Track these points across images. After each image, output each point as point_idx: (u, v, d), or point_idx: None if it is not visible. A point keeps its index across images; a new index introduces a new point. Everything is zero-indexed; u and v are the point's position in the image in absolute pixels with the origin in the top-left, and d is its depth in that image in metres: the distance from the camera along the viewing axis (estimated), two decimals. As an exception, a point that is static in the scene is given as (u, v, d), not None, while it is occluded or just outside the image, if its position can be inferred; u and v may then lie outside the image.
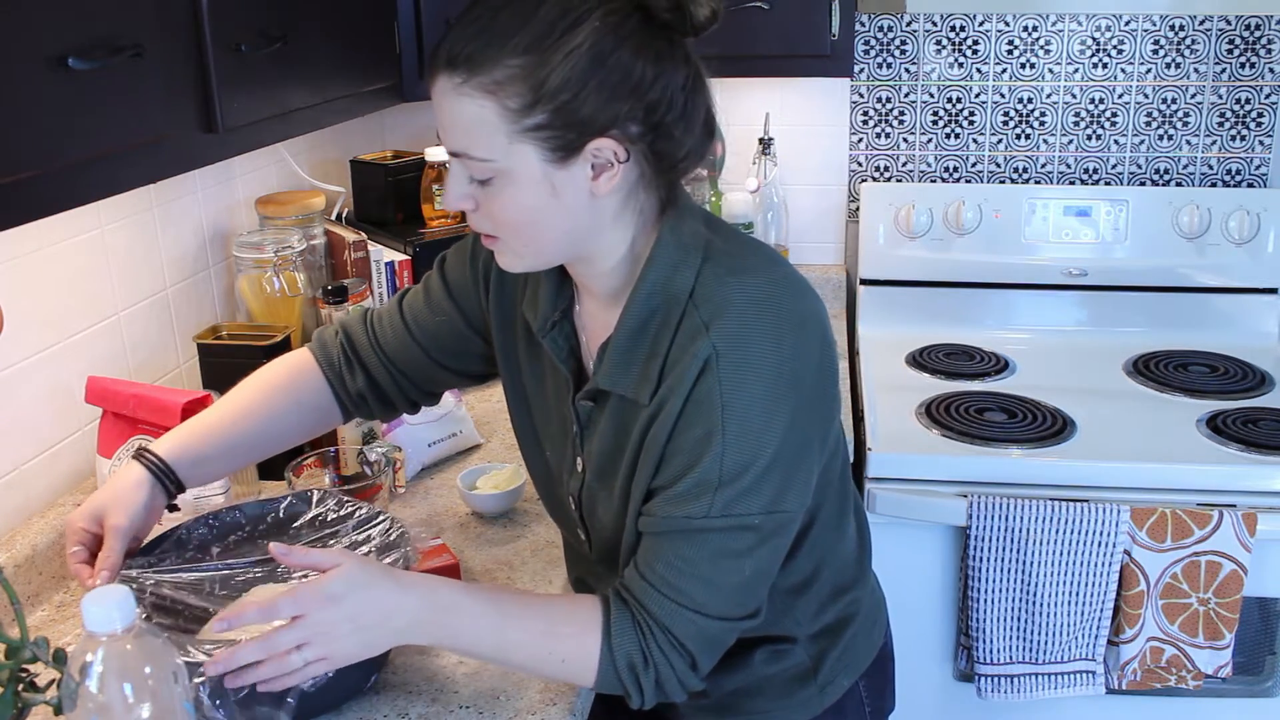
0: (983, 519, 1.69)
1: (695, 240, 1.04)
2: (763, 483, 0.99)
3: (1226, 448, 1.77)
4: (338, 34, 1.57)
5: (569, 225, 1.00)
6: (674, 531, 1.01)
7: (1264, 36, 2.25)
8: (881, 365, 2.12)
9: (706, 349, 0.97)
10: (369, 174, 2.11)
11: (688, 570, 1.00)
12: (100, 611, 0.79)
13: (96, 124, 1.02)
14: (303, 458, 1.44)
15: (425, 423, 1.65)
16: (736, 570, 1.01)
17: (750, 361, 0.97)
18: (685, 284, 1.02)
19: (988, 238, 2.28)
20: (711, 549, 1.00)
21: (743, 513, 0.99)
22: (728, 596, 1.02)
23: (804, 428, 1.01)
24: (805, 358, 1.00)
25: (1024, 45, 2.30)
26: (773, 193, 2.34)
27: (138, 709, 0.80)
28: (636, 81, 0.95)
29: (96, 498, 1.15)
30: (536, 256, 1.04)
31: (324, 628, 0.96)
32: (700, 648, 1.03)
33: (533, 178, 0.97)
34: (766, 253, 1.08)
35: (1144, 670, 1.73)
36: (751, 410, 0.97)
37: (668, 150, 1.00)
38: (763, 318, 0.99)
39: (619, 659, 1.01)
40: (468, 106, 0.95)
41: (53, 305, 1.45)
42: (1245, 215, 2.20)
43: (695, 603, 1.01)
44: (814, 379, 1.01)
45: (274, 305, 1.77)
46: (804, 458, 1.02)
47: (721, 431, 0.97)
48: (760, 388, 0.97)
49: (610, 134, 0.96)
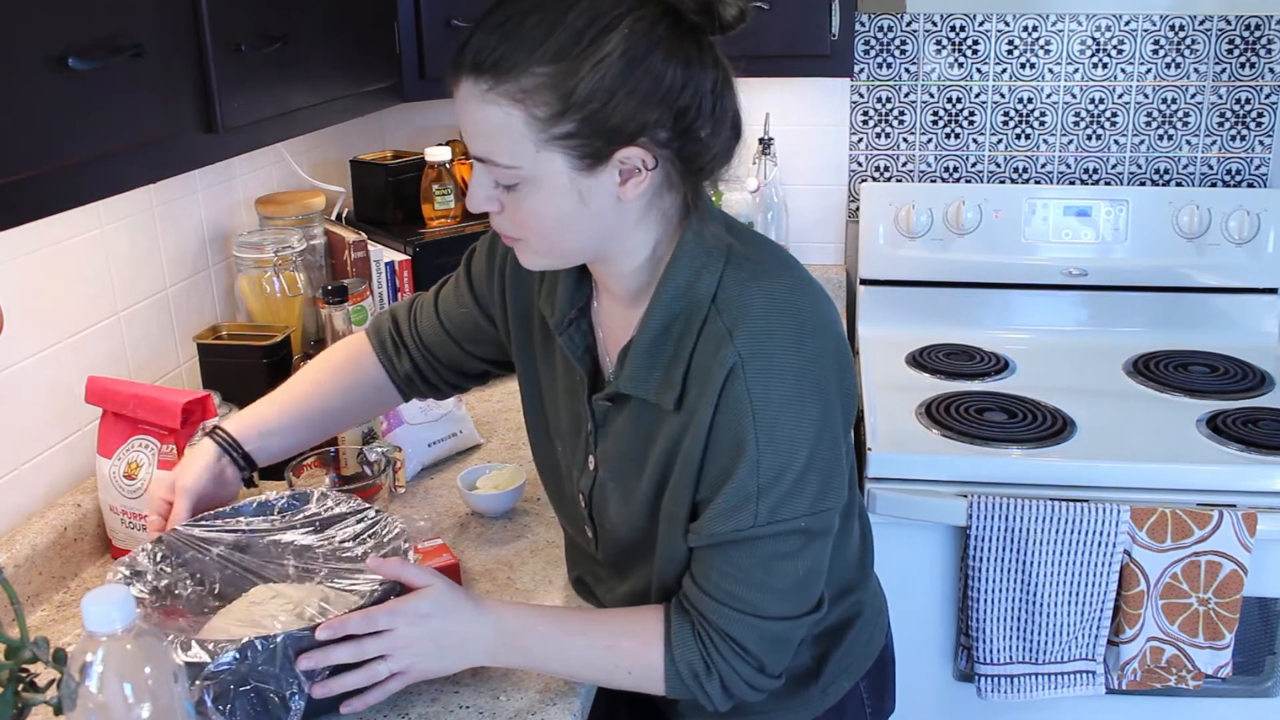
0: (983, 519, 1.69)
1: (718, 243, 1.03)
2: (803, 485, 0.99)
3: (1226, 448, 1.77)
4: (338, 34, 1.57)
5: (594, 231, 1.00)
6: (725, 544, 1.02)
7: (1264, 36, 2.25)
8: (881, 365, 2.12)
9: (732, 356, 0.97)
10: (369, 174, 2.11)
11: (741, 577, 1.02)
12: (100, 611, 0.79)
13: (96, 124, 1.02)
14: (302, 458, 1.44)
15: (425, 423, 1.65)
16: (789, 572, 1.02)
17: (775, 367, 0.98)
18: (708, 288, 1.01)
19: (988, 238, 2.28)
20: (763, 555, 1.01)
21: (789, 517, 1.00)
22: (784, 598, 1.03)
23: (833, 426, 1.01)
24: (826, 359, 1.00)
25: (1024, 45, 2.30)
26: (773, 193, 2.34)
27: (138, 709, 0.80)
28: (667, 89, 0.94)
29: (172, 470, 1.26)
30: (558, 258, 1.05)
31: (409, 643, 1.03)
32: (765, 649, 1.04)
33: (559, 185, 0.96)
34: (783, 256, 1.08)
35: (1144, 670, 1.73)
36: (782, 415, 0.98)
37: (695, 153, 0.99)
38: (784, 322, 0.99)
39: (682, 668, 1.04)
40: (494, 114, 0.94)
41: (53, 305, 1.45)
42: (1245, 215, 2.20)
43: (752, 607, 1.02)
44: (836, 379, 1.01)
45: (274, 305, 1.77)
46: (836, 456, 1.03)
47: (755, 438, 0.97)
48: (787, 391, 0.98)
49: (639, 142, 0.95)
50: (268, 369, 1.57)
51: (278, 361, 1.59)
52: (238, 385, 1.57)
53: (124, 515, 1.40)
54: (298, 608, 1.15)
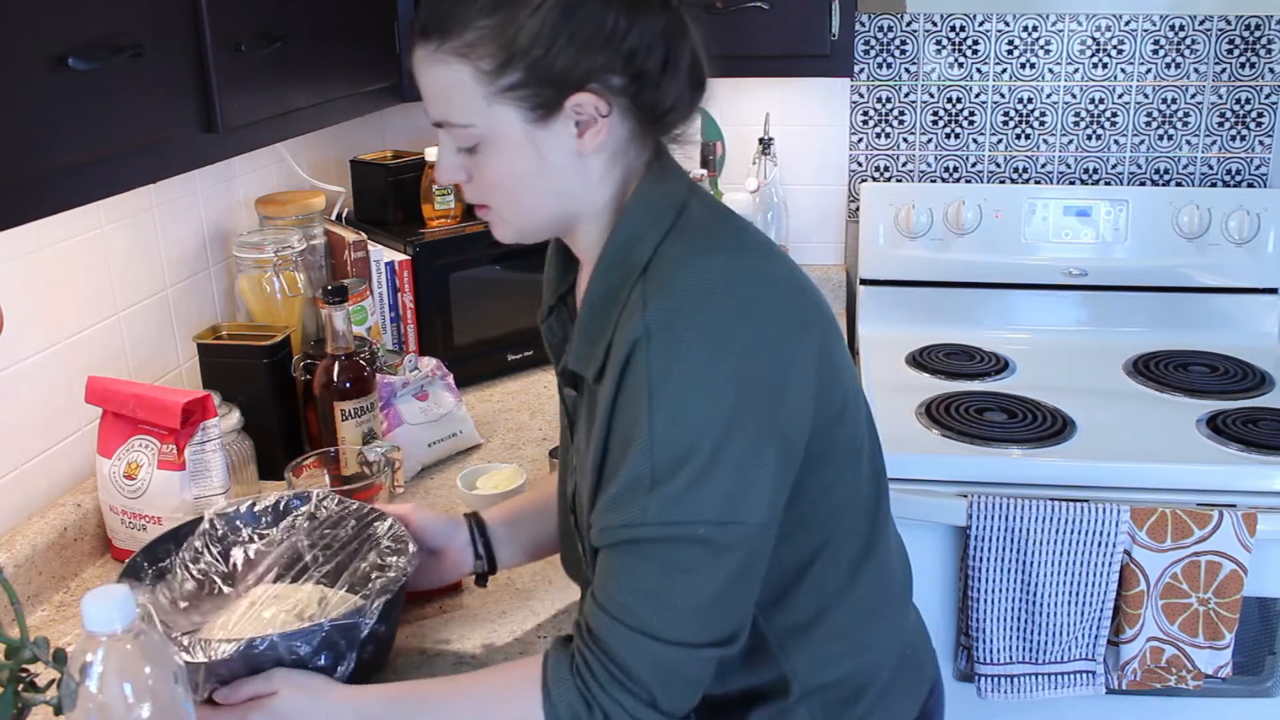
0: (983, 519, 1.69)
1: (668, 206, 0.97)
2: (702, 484, 0.88)
3: (1226, 448, 1.77)
4: (338, 34, 1.57)
5: (556, 187, 0.97)
6: (619, 543, 0.92)
7: (1264, 36, 2.24)
8: (881, 365, 2.12)
9: (639, 329, 0.90)
10: (369, 174, 2.11)
11: (633, 585, 0.92)
12: (100, 611, 0.79)
13: (96, 124, 1.02)
14: (303, 458, 1.44)
15: (425, 423, 1.65)
16: (689, 589, 0.91)
17: (681, 347, 0.88)
18: (643, 255, 0.95)
19: (988, 238, 2.28)
20: (658, 562, 0.90)
21: (685, 520, 0.89)
22: (683, 620, 0.91)
23: (754, 427, 0.89)
24: (758, 356, 0.90)
25: (1024, 45, 2.30)
26: (773, 193, 2.34)
27: (138, 709, 0.80)
28: (610, 31, 0.92)
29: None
30: (526, 222, 1.01)
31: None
32: (658, 679, 0.92)
33: (515, 140, 0.95)
34: (748, 239, 0.99)
35: (1144, 670, 1.73)
36: (684, 399, 0.88)
37: (653, 101, 0.96)
38: (710, 302, 0.90)
39: (560, 709, 0.93)
40: (442, 73, 0.94)
41: (53, 305, 1.45)
42: (1245, 215, 2.20)
43: (644, 624, 0.91)
44: (770, 378, 0.90)
45: (274, 305, 1.77)
46: (756, 463, 0.90)
47: (649, 421, 0.88)
48: (692, 374, 0.88)
49: (589, 88, 0.93)
50: (268, 369, 1.57)
51: (278, 361, 1.59)
52: (238, 385, 1.57)
53: (124, 515, 1.40)
54: (296, 608, 1.15)
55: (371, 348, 1.70)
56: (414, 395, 1.68)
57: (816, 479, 0.98)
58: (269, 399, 1.59)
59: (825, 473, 0.99)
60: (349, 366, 1.52)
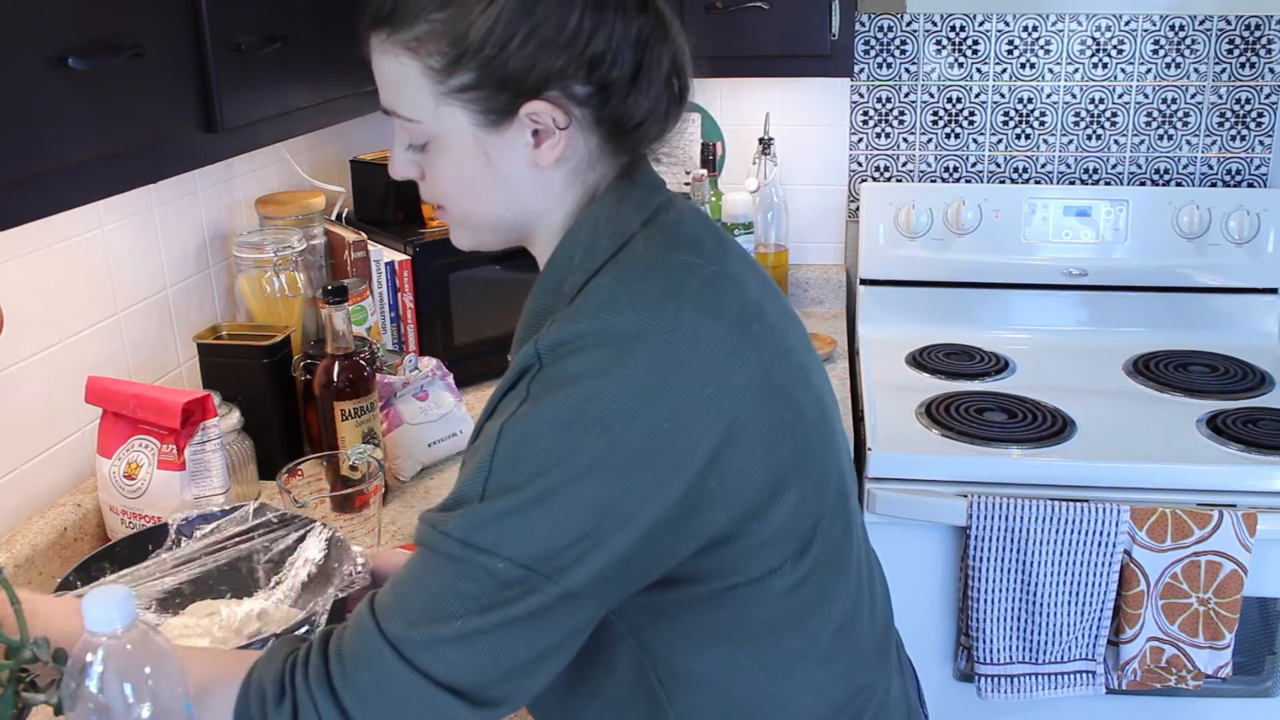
0: (983, 519, 1.69)
1: (614, 231, 0.89)
2: (524, 518, 0.78)
3: (1226, 448, 1.77)
4: (338, 34, 1.57)
5: (508, 199, 0.91)
6: (421, 544, 0.83)
7: (1264, 36, 2.24)
8: (881, 365, 2.12)
9: (531, 355, 0.83)
10: (369, 174, 2.11)
11: (404, 587, 0.82)
12: (100, 611, 0.79)
13: (96, 124, 1.02)
14: (298, 461, 1.43)
15: (425, 423, 1.65)
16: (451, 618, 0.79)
17: (561, 382, 0.80)
18: (574, 286, 0.88)
19: (988, 238, 2.28)
20: (444, 579, 0.80)
21: (486, 546, 0.78)
22: (434, 648, 0.79)
23: (609, 490, 0.78)
24: (641, 417, 0.79)
25: (1024, 45, 2.30)
26: (773, 193, 2.34)
27: (138, 709, 0.80)
28: (573, 33, 0.84)
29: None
30: (479, 230, 0.95)
31: None
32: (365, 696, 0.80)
33: (464, 144, 0.88)
34: (690, 283, 0.86)
35: (1144, 670, 1.73)
36: (538, 431, 0.79)
37: (620, 114, 0.88)
38: (611, 349, 0.80)
39: (252, 687, 0.83)
40: (391, 65, 0.88)
41: (53, 305, 1.45)
42: (1245, 215, 2.21)
43: (392, 630, 0.80)
44: (648, 449, 0.79)
45: (274, 305, 1.77)
46: (595, 529, 0.78)
47: (499, 439, 0.81)
48: (560, 412, 0.79)
49: (547, 95, 0.85)
50: (268, 369, 1.58)
51: (278, 361, 1.59)
52: (238, 385, 1.57)
53: (124, 515, 1.40)
54: (239, 623, 1.13)
55: (371, 348, 1.70)
56: (414, 395, 1.68)
57: (716, 578, 0.86)
58: (269, 399, 1.59)
59: (731, 571, 0.86)
60: (349, 366, 1.52)
